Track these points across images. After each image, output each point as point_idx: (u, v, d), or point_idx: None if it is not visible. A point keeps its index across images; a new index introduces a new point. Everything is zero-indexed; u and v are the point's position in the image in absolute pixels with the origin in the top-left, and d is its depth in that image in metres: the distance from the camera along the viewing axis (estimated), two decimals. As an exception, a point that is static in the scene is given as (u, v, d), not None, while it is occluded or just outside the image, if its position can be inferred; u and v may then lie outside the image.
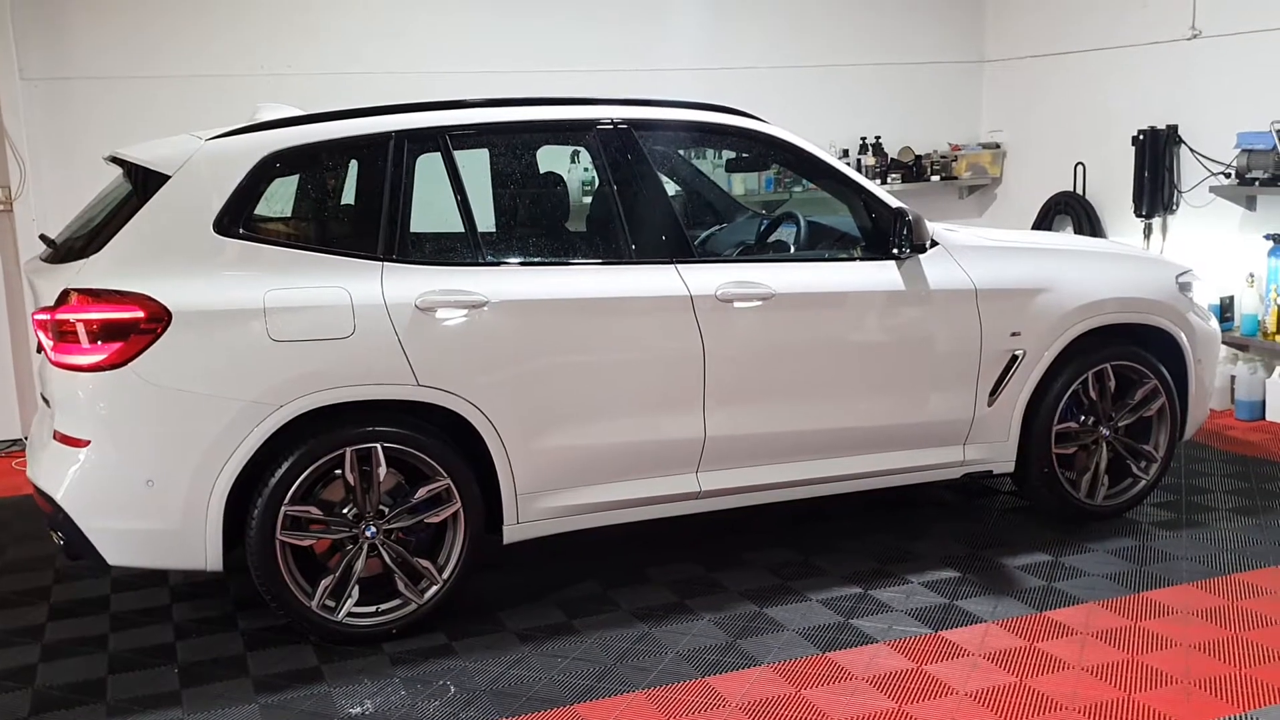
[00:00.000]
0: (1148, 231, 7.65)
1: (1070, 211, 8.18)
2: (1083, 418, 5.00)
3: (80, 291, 3.77)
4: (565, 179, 4.87)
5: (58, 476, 3.83)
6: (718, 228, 5.35)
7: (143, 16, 6.86)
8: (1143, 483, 5.14)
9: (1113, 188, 7.89)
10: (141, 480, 3.79)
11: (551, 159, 4.98)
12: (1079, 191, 8.17)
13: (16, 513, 5.66)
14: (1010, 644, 3.96)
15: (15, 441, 6.88)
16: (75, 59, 6.75)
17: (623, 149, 4.41)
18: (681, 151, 5.65)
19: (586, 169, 6.87)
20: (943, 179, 8.66)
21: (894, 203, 4.62)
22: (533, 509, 4.20)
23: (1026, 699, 3.59)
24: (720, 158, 7.28)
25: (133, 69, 6.85)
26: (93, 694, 3.79)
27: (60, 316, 3.77)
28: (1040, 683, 3.69)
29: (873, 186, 4.73)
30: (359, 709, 3.65)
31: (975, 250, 4.81)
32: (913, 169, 8.53)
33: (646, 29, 7.90)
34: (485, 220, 4.37)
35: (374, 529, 4.01)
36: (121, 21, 6.81)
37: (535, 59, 7.60)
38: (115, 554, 3.86)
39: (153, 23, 6.88)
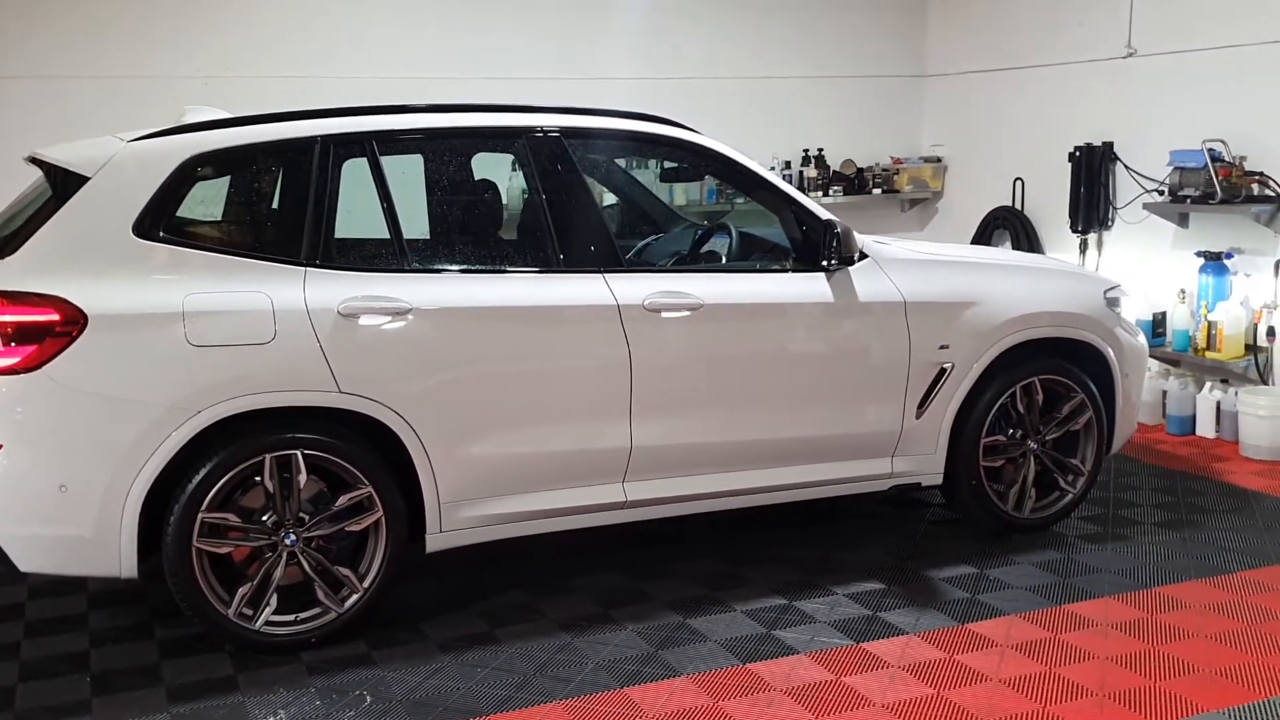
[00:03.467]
0: (1084, 247, 7.76)
1: (1009, 226, 8.28)
2: (1010, 431, 5.04)
3: (-6, 292, 3.70)
4: (500, 187, 4.85)
5: (-31, 481, 3.75)
6: (653, 238, 5.35)
7: (78, 17, 6.78)
8: (1070, 496, 5.19)
9: (1050, 203, 7.99)
10: (54, 485, 3.72)
11: (488, 167, 4.95)
12: (1018, 206, 8.27)
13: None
14: (930, 656, 3.99)
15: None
16: (5, 58, 6.63)
17: (553, 157, 4.40)
18: (619, 161, 5.65)
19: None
20: (884, 192, 8.73)
21: (824, 214, 4.64)
22: (456, 518, 4.17)
23: (942, 711, 3.60)
24: (661, 168, 7.29)
25: (68, 69, 6.76)
26: (0, 703, 3.71)
27: (-28, 318, 3.69)
28: (957, 695, 3.71)
29: (803, 198, 4.76)
30: (272, 719, 3.60)
31: (905, 263, 4.84)
32: (854, 182, 8.60)
33: (590, 39, 7.93)
34: (413, 227, 4.34)
35: (294, 537, 3.96)
36: (53, 21, 6.71)
37: (478, 68, 7.60)
38: (26, 560, 3.78)
39: (89, 24, 6.80)
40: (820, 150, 8.52)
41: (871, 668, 3.90)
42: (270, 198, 4.27)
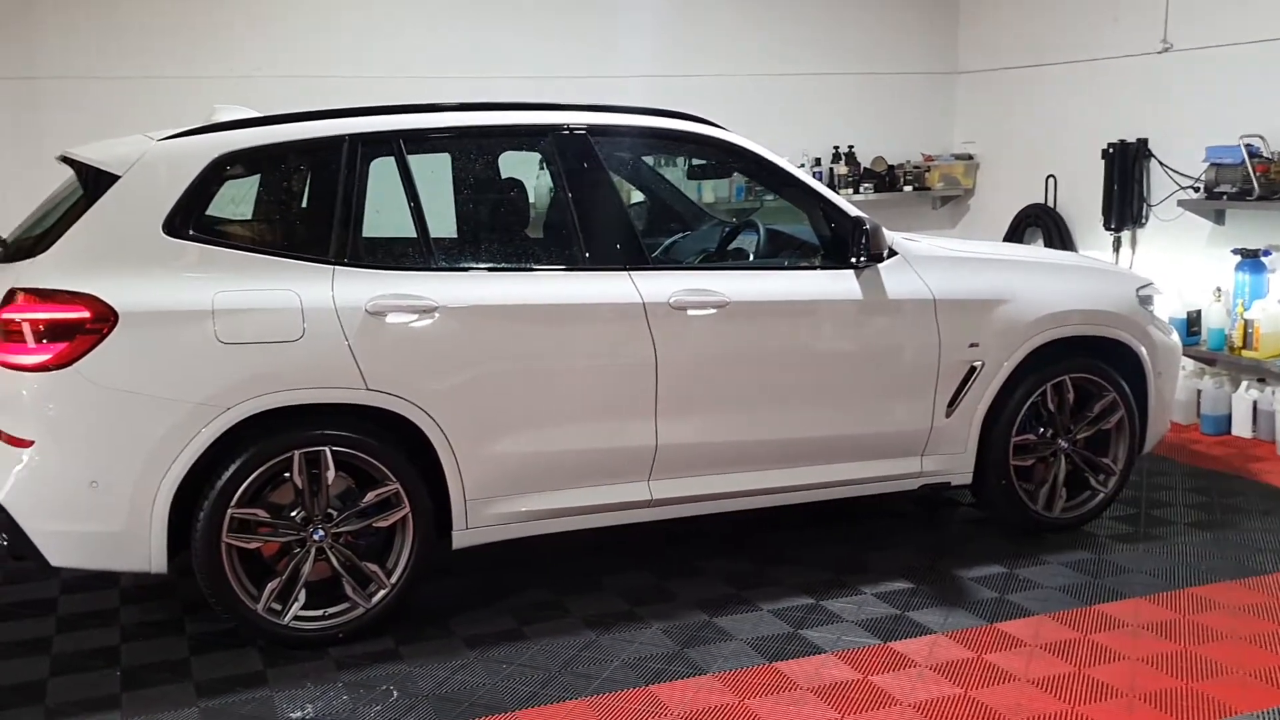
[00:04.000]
0: (1117, 245, 7.68)
1: (1041, 224, 8.20)
2: (1041, 430, 5.00)
3: (26, 291, 3.74)
4: (527, 185, 4.85)
5: (1, 477, 3.79)
6: (680, 235, 5.34)
7: (112, 18, 6.84)
8: (1101, 495, 5.14)
9: (1083, 201, 7.91)
10: (85, 481, 3.76)
11: (516, 165, 4.96)
12: (1050, 204, 8.19)
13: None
14: (958, 655, 3.96)
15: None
16: (42, 58, 6.72)
17: (579, 155, 4.39)
18: (646, 159, 5.64)
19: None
20: (915, 189, 8.67)
21: (853, 211, 4.62)
22: (482, 515, 4.18)
23: (970, 711, 3.58)
24: (689, 165, 7.28)
25: (101, 69, 6.83)
26: (32, 697, 3.76)
27: (6, 316, 3.74)
28: (985, 694, 3.68)
29: (832, 195, 4.73)
30: (299, 713, 3.62)
31: (934, 260, 4.81)
32: (885, 179, 8.55)
33: (618, 37, 7.92)
34: (440, 225, 4.35)
35: (322, 532, 3.99)
36: (90, 22, 6.79)
37: (501, 67, 7.61)
38: (58, 555, 3.83)
39: (122, 24, 6.86)
40: (851, 147, 8.48)
41: (899, 667, 3.87)
42: (299, 196, 4.29)
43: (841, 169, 8.38)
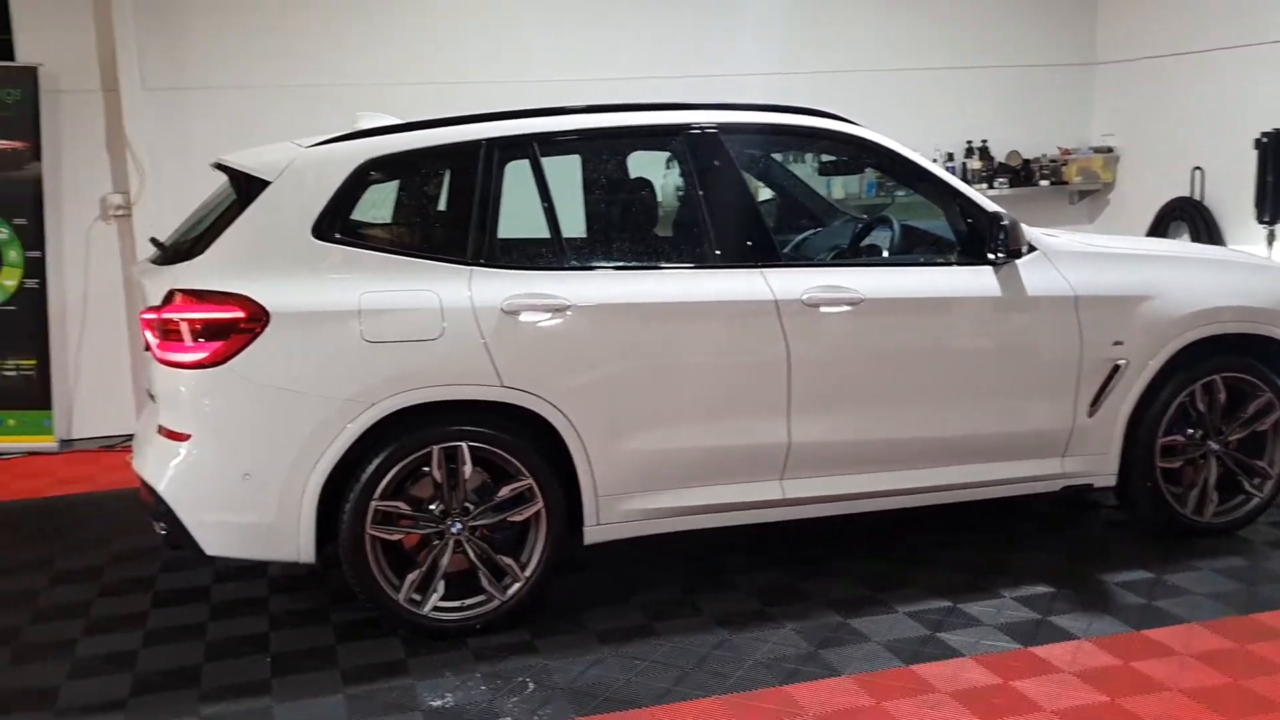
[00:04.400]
0: (1271, 238, 7.36)
1: (1187, 218, 7.90)
2: (1190, 431, 4.81)
3: (184, 292, 3.91)
4: (655, 185, 4.88)
5: (160, 469, 3.98)
6: (811, 232, 5.31)
7: (256, 29, 7.11)
8: (1256, 500, 4.92)
9: (1233, 193, 7.60)
10: (239, 474, 3.91)
11: (644, 165, 4.99)
12: (1196, 197, 7.88)
13: (126, 504, 5.87)
14: (1104, 662, 3.84)
15: (129, 436, 7.15)
16: (192, 69, 7.02)
17: (710, 153, 4.40)
18: (776, 156, 5.61)
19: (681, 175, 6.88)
20: (1052, 184, 8.44)
21: (990, 206, 4.52)
22: (613, 511, 4.22)
23: None
24: (818, 162, 7.22)
25: (246, 79, 7.11)
26: (188, 680, 3.93)
27: (165, 316, 3.91)
28: (1133, 704, 3.56)
29: (968, 190, 4.64)
30: (440, 702, 3.71)
31: (1075, 256, 4.68)
32: (1020, 173, 8.34)
33: (739, 35, 7.89)
34: (571, 225, 4.41)
35: (459, 525, 4.08)
36: (236, 34, 7.08)
37: (627, 68, 7.65)
38: (213, 545, 3.99)
39: (265, 35, 7.13)
40: (984, 142, 8.30)
41: (1041, 672, 3.78)
42: (438, 200, 4.40)
43: (975, 164, 8.21)
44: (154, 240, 4.60)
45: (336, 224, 4.06)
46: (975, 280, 4.50)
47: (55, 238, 6.98)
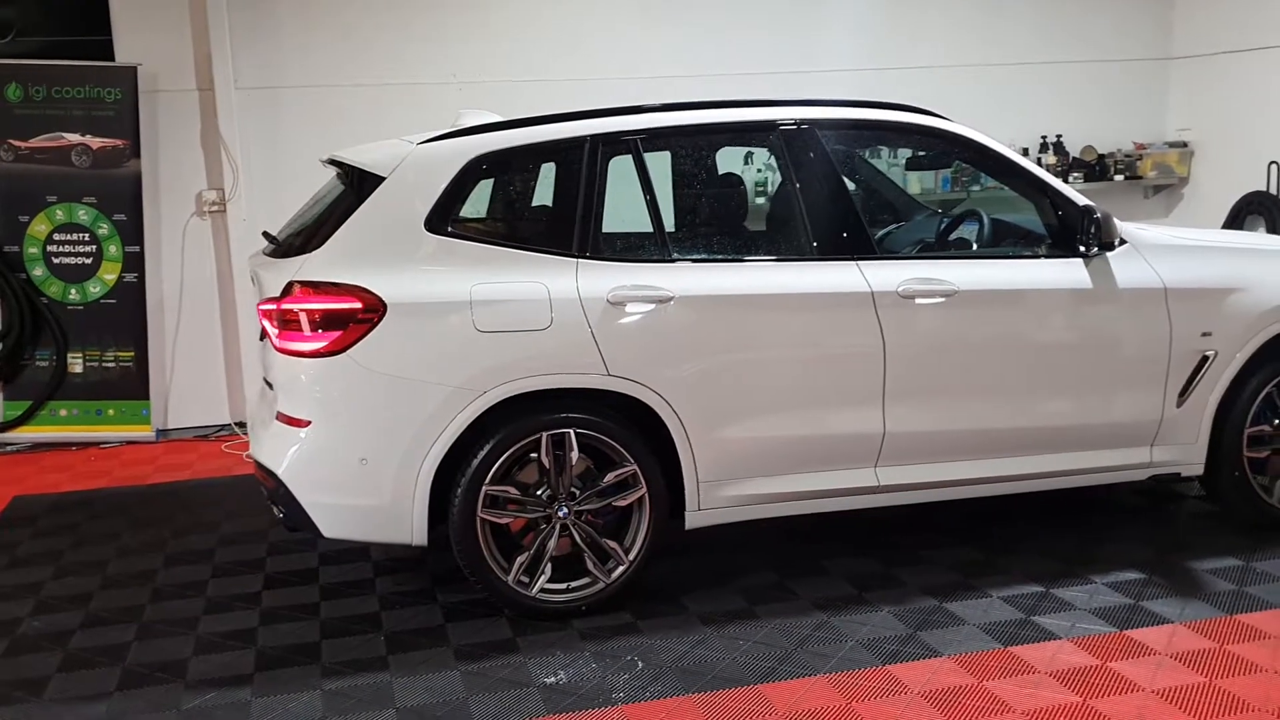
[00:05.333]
0: (1349, 232, 7.33)
1: (1264, 212, 7.89)
2: (1277, 421, 4.85)
3: (303, 284, 4.07)
4: (748, 179, 4.99)
5: (280, 454, 4.14)
6: (896, 226, 5.39)
7: (343, 30, 7.29)
8: (1342, 490, 4.96)
9: (1311, 187, 7.58)
10: (356, 459, 4.07)
11: (735, 160, 5.10)
12: (1272, 191, 7.86)
13: (228, 491, 6.10)
14: (1199, 645, 3.91)
15: (224, 426, 7.40)
16: (283, 69, 7.22)
17: (805, 148, 4.50)
18: (861, 151, 5.70)
19: (759, 170, 7.00)
20: (1126, 178, 8.45)
21: (1081, 200, 4.60)
22: (714, 497, 4.34)
23: (1217, 699, 3.54)
24: (896, 156, 7.29)
25: (333, 78, 7.29)
26: (308, 655, 4.10)
27: (285, 306, 4.08)
28: (1231, 684, 3.64)
29: (1059, 184, 4.72)
30: (553, 679, 3.85)
31: (1165, 249, 4.74)
32: (1095, 168, 8.36)
33: (819, 31, 7.99)
34: (673, 219, 4.53)
35: (566, 510, 4.22)
36: (324, 34, 7.27)
37: (705, 64, 7.74)
38: (330, 526, 4.15)
39: (352, 35, 7.31)
40: (1059, 136, 8.33)
41: (1138, 654, 3.86)
42: (544, 194, 4.54)
43: (1050, 158, 8.23)
44: (267, 234, 4.77)
45: (448, 218, 4.20)
46: (1067, 273, 4.57)
47: (153, 233, 7.22)
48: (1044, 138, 8.35)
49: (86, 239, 7.08)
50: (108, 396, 7.15)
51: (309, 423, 4.11)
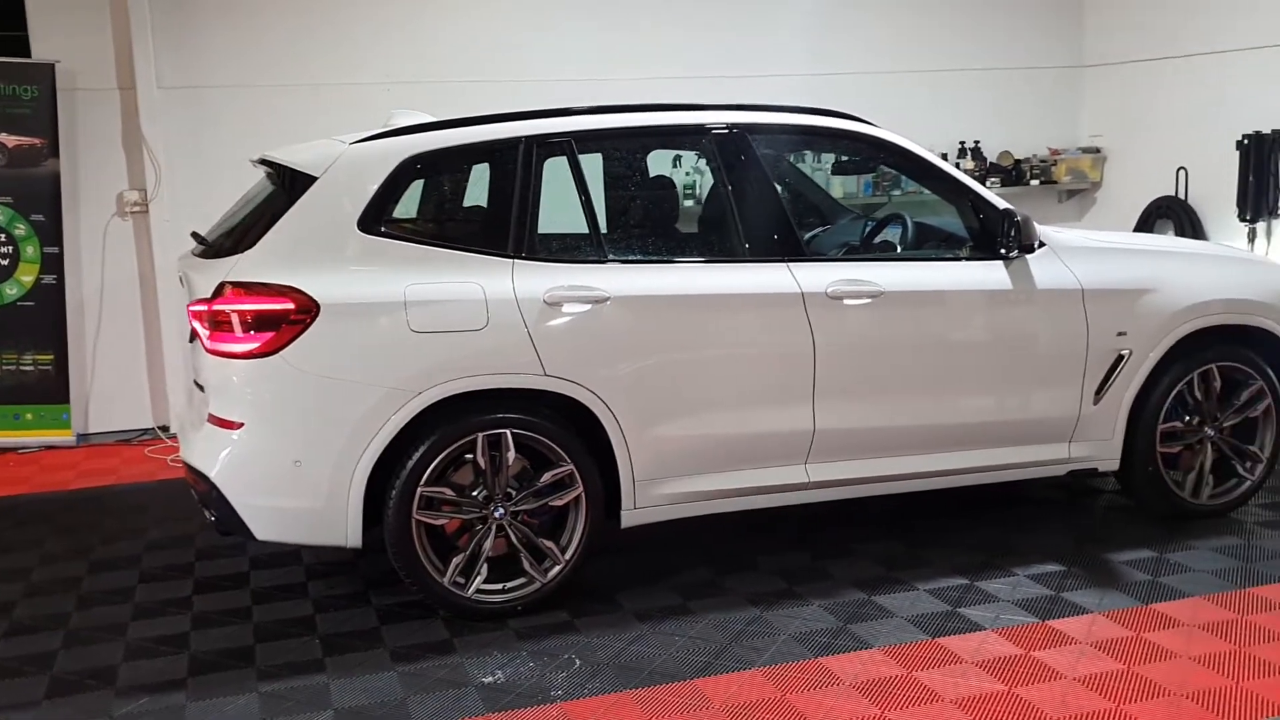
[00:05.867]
0: (1252, 236, 7.63)
1: (1172, 216, 8.18)
2: (1188, 417, 5.05)
3: (235, 284, 4.04)
4: (689, 182, 5.05)
5: (212, 456, 4.11)
6: (823, 228, 5.51)
7: (269, 29, 7.21)
8: (1248, 483, 5.17)
9: (1216, 192, 7.87)
10: (290, 461, 4.05)
11: (657, 163, 5.15)
12: (1181, 196, 8.15)
13: (153, 496, 6.01)
14: (1118, 634, 4.06)
15: (147, 430, 7.27)
16: (207, 68, 7.12)
17: (736, 151, 4.58)
18: (789, 155, 5.80)
19: (687, 173, 7.07)
20: (1042, 183, 8.70)
21: (1002, 204, 4.74)
22: (649, 495, 4.39)
23: (1136, 685, 3.68)
24: (820, 161, 7.42)
25: (260, 78, 7.21)
26: (243, 659, 4.07)
27: (217, 307, 4.04)
28: (1149, 670, 3.78)
29: (980, 188, 4.85)
30: (491, 678, 3.87)
31: (1082, 251, 4.90)
32: (1012, 173, 8.59)
33: (745, 37, 8.08)
34: (608, 221, 4.58)
35: (502, 510, 4.24)
36: (250, 34, 7.17)
37: (638, 67, 7.80)
38: (264, 529, 4.12)
39: (279, 35, 7.23)
40: (977, 142, 8.54)
41: (1060, 644, 3.99)
42: (479, 195, 4.55)
43: (968, 164, 8.44)
44: (196, 234, 4.72)
45: (381, 218, 4.20)
46: (989, 274, 4.71)
47: (73, 234, 7.07)
48: (962, 143, 8.56)
49: (2, 239, 6.91)
50: (26, 400, 6.98)
51: (242, 425, 4.08)
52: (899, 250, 4.95)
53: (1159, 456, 4.99)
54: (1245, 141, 7.52)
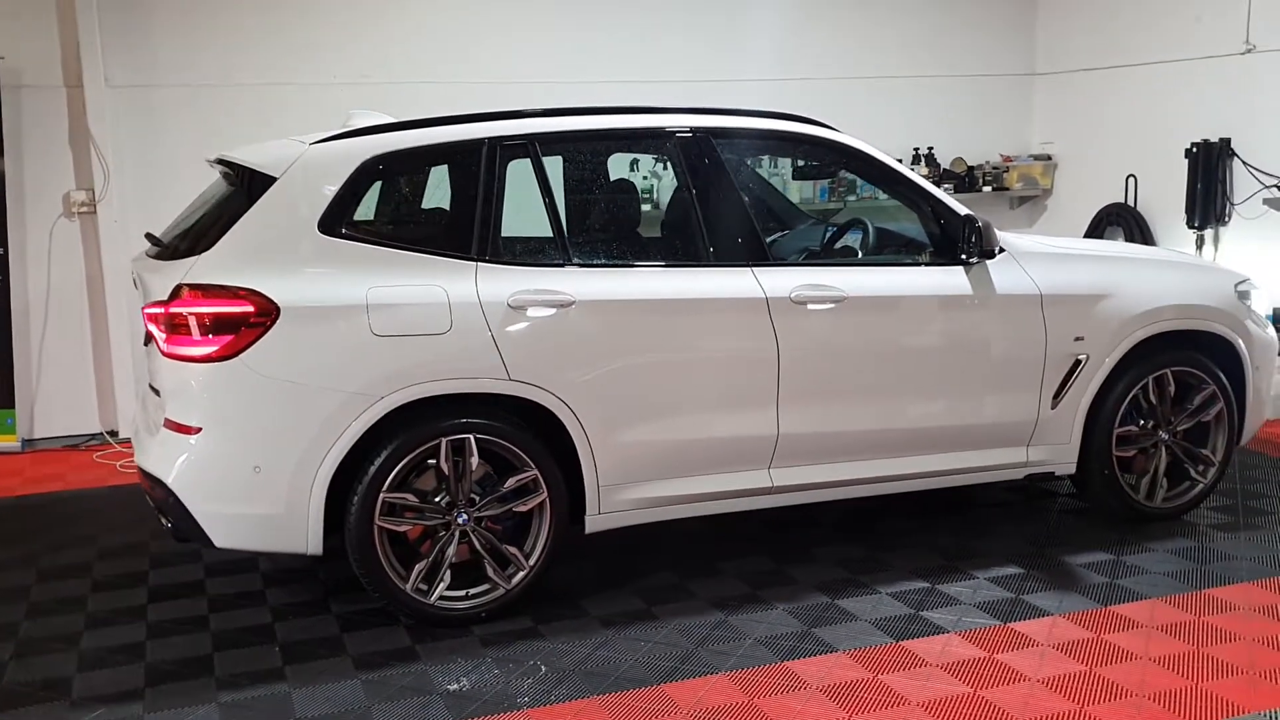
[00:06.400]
0: (1200, 242, 7.77)
1: (1122, 222, 8.30)
2: (1142, 422, 5.12)
3: (192, 286, 3.96)
4: (653, 186, 5.05)
5: (168, 462, 4.02)
6: (784, 233, 5.52)
7: (221, 27, 7.11)
8: (1200, 486, 5.25)
9: (1165, 199, 8.01)
10: (249, 466, 3.97)
11: (617, 167, 5.14)
12: (1130, 203, 8.29)
13: (104, 503, 5.89)
14: (1078, 635, 4.10)
15: (95, 435, 7.12)
16: (157, 67, 7.00)
17: (701, 156, 4.58)
18: (749, 160, 5.81)
19: (645, 176, 7.07)
20: (994, 190, 8.80)
21: (962, 210, 4.78)
22: (614, 500, 4.37)
23: (1097, 686, 3.73)
24: (777, 166, 7.45)
25: (211, 77, 7.10)
26: (202, 668, 3.99)
27: (174, 310, 3.96)
28: (1109, 671, 3.82)
29: (941, 194, 4.89)
30: (456, 686, 3.83)
31: (1041, 256, 4.96)
32: (965, 179, 8.68)
33: (708, 42, 8.09)
34: (573, 224, 4.55)
35: (465, 516, 4.19)
36: (201, 32, 7.07)
37: (602, 70, 7.78)
38: (222, 536, 4.03)
39: (231, 34, 7.13)
40: (931, 149, 8.62)
41: (1022, 646, 4.03)
42: (442, 197, 4.51)
43: (922, 170, 8.52)
44: (150, 235, 4.63)
45: (342, 220, 4.13)
46: (949, 279, 4.75)
47: (18, 234, 6.91)
48: (916, 149, 8.64)
49: (-55, 240, 6.75)
50: (-31, 405, 6.82)
51: (199, 430, 4.00)
52: (860, 255, 4.97)
53: (1114, 460, 5.06)
54: (1194, 150, 7.66)
